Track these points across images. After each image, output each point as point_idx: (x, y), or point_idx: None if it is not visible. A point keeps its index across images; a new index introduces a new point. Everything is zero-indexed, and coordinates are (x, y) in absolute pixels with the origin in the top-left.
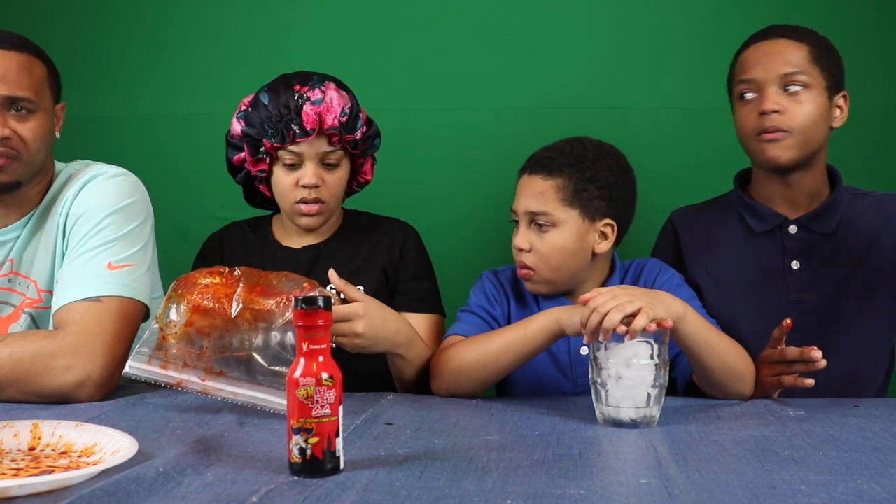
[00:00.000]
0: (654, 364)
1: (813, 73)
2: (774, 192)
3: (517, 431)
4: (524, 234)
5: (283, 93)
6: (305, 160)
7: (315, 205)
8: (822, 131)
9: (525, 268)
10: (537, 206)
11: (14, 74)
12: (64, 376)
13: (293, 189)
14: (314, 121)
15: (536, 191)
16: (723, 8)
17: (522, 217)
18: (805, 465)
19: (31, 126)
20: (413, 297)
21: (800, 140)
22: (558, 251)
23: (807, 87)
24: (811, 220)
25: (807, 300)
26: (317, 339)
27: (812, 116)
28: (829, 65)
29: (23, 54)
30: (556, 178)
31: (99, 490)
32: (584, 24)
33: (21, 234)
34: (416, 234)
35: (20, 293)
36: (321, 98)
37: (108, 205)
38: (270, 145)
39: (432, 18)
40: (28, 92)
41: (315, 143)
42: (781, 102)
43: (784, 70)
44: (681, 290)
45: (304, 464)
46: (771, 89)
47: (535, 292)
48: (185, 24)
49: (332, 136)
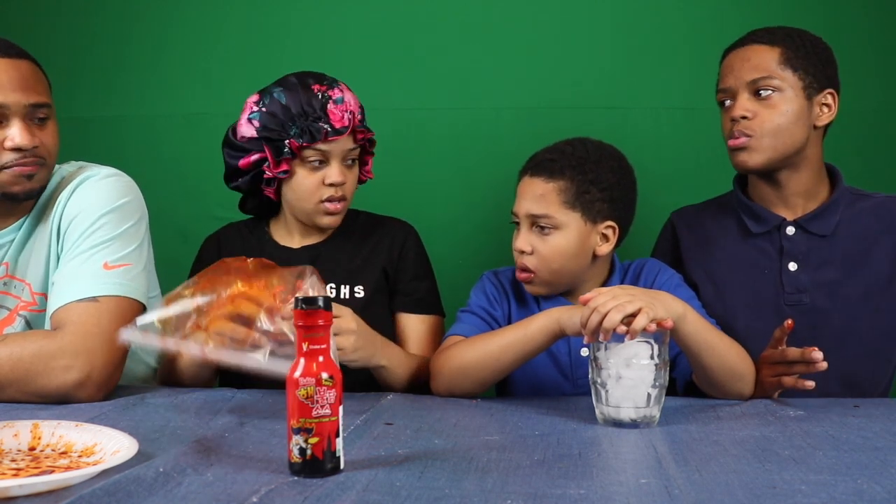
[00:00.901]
0: (654, 364)
1: (784, 76)
2: (767, 193)
3: (517, 431)
4: (525, 237)
5: (302, 92)
6: (331, 159)
7: (340, 203)
8: (799, 133)
9: (525, 270)
10: (539, 209)
11: (32, 82)
12: (63, 376)
13: (318, 188)
14: (344, 119)
15: (538, 193)
16: (723, 8)
17: (524, 219)
18: (805, 465)
19: (50, 132)
20: (413, 297)
21: (767, 144)
22: (560, 254)
23: (778, 91)
24: (809, 222)
25: (804, 301)
26: (317, 339)
27: (783, 119)
28: (807, 64)
29: (29, 61)
30: (558, 180)
31: (99, 490)
32: (584, 25)
33: (16, 237)
34: (416, 233)
35: (15, 296)
36: (342, 97)
37: (102, 205)
38: (298, 145)
39: (432, 18)
40: (45, 97)
41: (343, 141)
42: (752, 108)
43: (752, 76)
44: (680, 291)
45: (304, 464)
46: (743, 96)
47: (535, 294)
48: (185, 24)
49: (357, 133)
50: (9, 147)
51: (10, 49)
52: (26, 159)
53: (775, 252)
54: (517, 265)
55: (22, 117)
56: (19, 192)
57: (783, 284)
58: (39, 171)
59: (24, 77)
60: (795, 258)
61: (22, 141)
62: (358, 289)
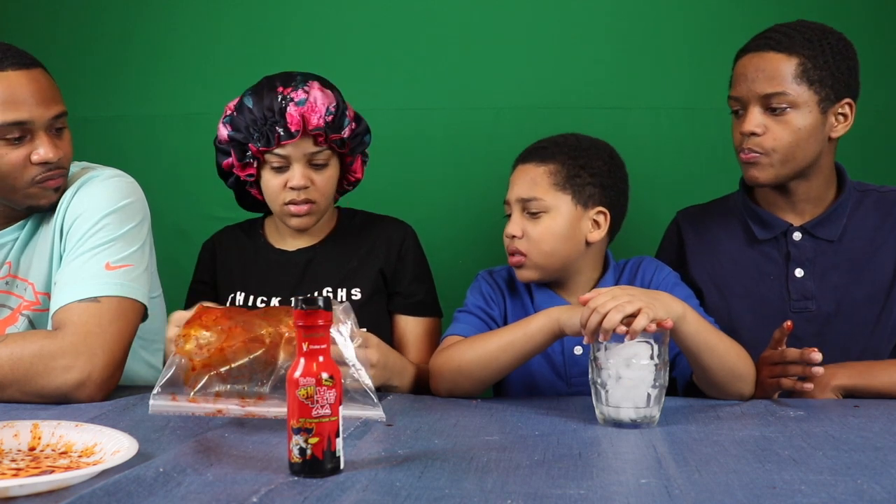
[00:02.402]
0: (654, 364)
1: (800, 91)
2: (775, 198)
3: (517, 431)
4: (517, 222)
5: (266, 95)
6: (293, 162)
7: (305, 205)
8: (812, 147)
9: (517, 254)
10: (529, 193)
11: (51, 92)
12: (64, 376)
13: (282, 191)
14: (298, 122)
15: (529, 178)
16: (723, 8)
17: (515, 205)
18: (805, 465)
19: (67, 141)
20: (412, 300)
21: (780, 160)
22: (551, 235)
23: (793, 107)
24: (815, 227)
25: (810, 308)
26: (317, 339)
27: (797, 136)
28: (825, 75)
29: (41, 69)
30: (549, 163)
31: (99, 490)
32: (584, 24)
33: (19, 236)
34: (414, 234)
35: (18, 296)
36: (305, 98)
37: (105, 206)
38: (256, 149)
39: (432, 18)
40: (62, 105)
41: (301, 144)
42: (763, 123)
43: (765, 90)
44: (678, 289)
45: (304, 464)
46: (754, 109)
47: (527, 280)
48: (185, 25)
49: (317, 136)
50: (35, 161)
51: (24, 59)
52: (52, 172)
53: (781, 258)
54: (508, 251)
55: (46, 130)
56: (46, 205)
57: (789, 291)
58: (63, 182)
59: (42, 88)
60: (802, 264)
61: (48, 155)
62: (354, 291)
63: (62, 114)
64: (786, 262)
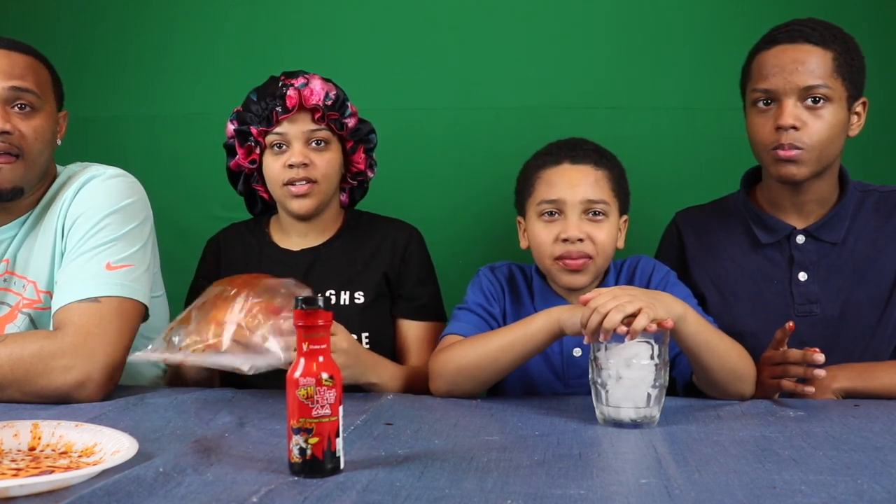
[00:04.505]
0: (655, 364)
1: (836, 85)
2: (784, 200)
3: (517, 431)
4: (578, 225)
5: (268, 85)
6: (291, 140)
7: (305, 184)
8: (838, 144)
9: (583, 257)
10: (596, 195)
11: (20, 70)
12: (64, 376)
13: (282, 171)
14: (296, 99)
15: (591, 180)
16: (722, 8)
17: (574, 206)
18: (805, 465)
19: (33, 124)
20: (416, 304)
21: (816, 156)
22: (610, 243)
23: (828, 100)
24: (819, 230)
25: (815, 312)
26: (317, 339)
27: (831, 132)
28: (852, 72)
29: (28, 56)
30: (603, 169)
31: (99, 490)
32: (583, 24)
33: (17, 233)
34: (420, 236)
35: (16, 293)
36: (305, 83)
37: (106, 205)
38: (257, 131)
39: (432, 18)
40: (32, 85)
41: (299, 121)
42: (801, 117)
43: (806, 82)
44: (676, 289)
45: (304, 464)
46: (789, 101)
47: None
48: (185, 24)
49: (314, 112)
50: None
51: (12, 44)
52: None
53: (785, 262)
54: (568, 253)
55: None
56: None
57: (793, 295)
58: (14, 166)
59: (13, 64)
60: (805, 268)
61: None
62: (358, 294)
63: (27, 90)
64: (789, 266)
